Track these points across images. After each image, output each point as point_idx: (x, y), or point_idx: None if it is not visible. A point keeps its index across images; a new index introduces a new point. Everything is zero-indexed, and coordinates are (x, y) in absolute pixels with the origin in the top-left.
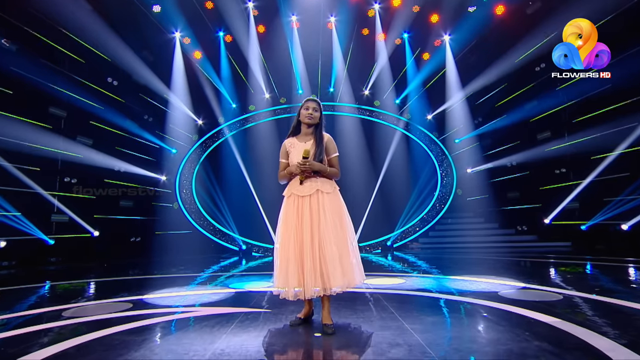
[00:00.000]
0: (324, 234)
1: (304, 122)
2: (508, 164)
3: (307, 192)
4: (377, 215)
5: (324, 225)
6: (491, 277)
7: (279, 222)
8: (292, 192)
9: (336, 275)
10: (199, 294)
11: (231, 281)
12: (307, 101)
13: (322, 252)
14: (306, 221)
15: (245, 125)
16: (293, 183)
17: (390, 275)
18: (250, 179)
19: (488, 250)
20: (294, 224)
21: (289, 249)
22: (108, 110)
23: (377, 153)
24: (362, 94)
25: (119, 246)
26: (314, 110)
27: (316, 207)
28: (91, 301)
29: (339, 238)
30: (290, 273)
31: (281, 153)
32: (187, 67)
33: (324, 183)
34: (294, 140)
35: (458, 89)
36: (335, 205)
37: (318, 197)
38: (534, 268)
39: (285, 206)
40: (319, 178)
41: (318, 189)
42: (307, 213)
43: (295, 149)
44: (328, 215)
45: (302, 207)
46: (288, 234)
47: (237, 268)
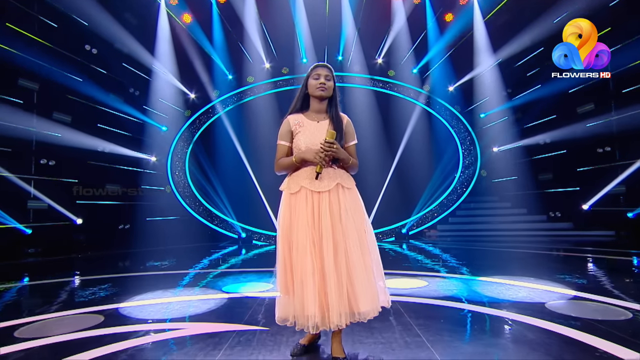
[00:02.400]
0: (351, 242)
1: (314, 94)
2: (541, 142)
3: (326, 186)
4: (392, 200)
5: (350, 230)
6: (530, 280)
7: (280, 227)
8: (303, 185)
9: (366, 297)
10: (186, 300)
11: (225, 282)
12: (317, 67)
13: (349, 267)
14: (326, 225)
15: (243, 99)
16: (301, 174)
17: (409, 274)
18: (248, 160)
19: (516, 239)
20: (308, 230)
21: (306, 264)
22: (88, 82)
23: (394, 130)
24: (375, 63)
25: (106, 235)
26: (327, 79)
27: (337, 207)
28: (56, 313)
29: (364, 249)
30: (308, 297)
31: (281, 133)
32: (176, 33)
33: (344, 175)
34: (302, 118)
35: (486, 55)
36: (358, 205)
37: (339, 193)
38: (578, 265)
39: (290, 205)
40: (337, 168)
41: (338, 183)
42: (327, 214)
43: (305, 129)
44: (351, 217)
45: (319, 206)
46: (302, 243)
47: (236, 258)
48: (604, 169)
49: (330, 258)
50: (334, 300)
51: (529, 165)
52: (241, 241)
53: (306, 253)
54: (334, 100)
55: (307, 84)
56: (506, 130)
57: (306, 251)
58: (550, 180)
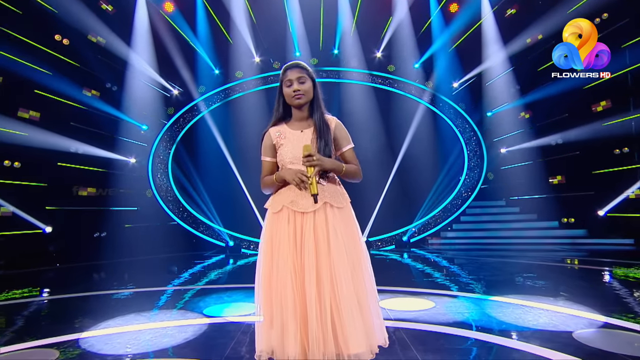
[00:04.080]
0: (340, 272)
1: (292, 104)
2: (553, 142)
3: (311, 205)
4: (393, 205)
5: (339, 257)
6: (549, 300)
7: (261, 249)
8: (285, 204)
9: (358, 336)
10: (160, 327)
11: (207, 302)
12: (286, 71)
13: (335, 300)
14: (309, 251)
15: (230, 95)
16: (285, 191)
17: (413, 292)
18: (236, 162)
19: (525, 247)
20: (289, 256)
21: (286, 297)
22: (58, 76)
23: (395, 129)
24: (374, 57)
25: (78, 244)
26: (300, 82)
27: (324, 230)
28: (5, 346)
29: (358, 278)
30: (289, 336)
31: (264, 148)
32: (156, 23)
33: (334, 192)
34: (284, 129)
35: (495, 48)
36: (350, 227)
37: (326, 213)
38: (600, 280)
39: (272, 226)
40: (326, 183)
41: (326, 202)
42: (311, 238)
43: (288, 140)
44: (341, 242)
45: (302, 229)
46: (282, 272)
47: (222, 270)
48: (621, 171)
49: (313, 290)
50: (315, 341)
51: (539, 167)
52: (228, 250)
53: (286, 284)
54: (316, 102)
55: (282, 92)
56: (515, 129)
57: (286, 282)
58: (562, 183)
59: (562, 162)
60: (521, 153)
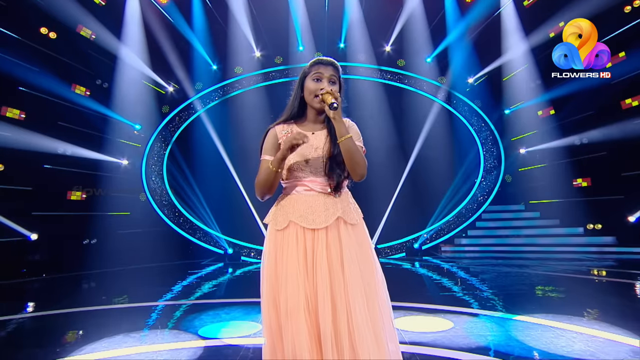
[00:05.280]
0: (356, 299)
1: (312, 105)
2: (577, 141)
3: (323, 221)
4: (404, 210)
5: (354, 282)
6: (582, 320)
7: (264, 273)
8: (292, 220)
9: None
10: (151, 352)
11: (202, 320)
12: (318, 65)
13: (352, 331)
14: (323, 275)
15: (229, 93)
16: (290, 204)
17: (429, 309)
18: (235, 164)
19: (546, 255)
20: (300, 281)
21: (299, 330)
22: (44, 72)
23: (407, 128)
24: (383, 51)
25: (67, 253)
26: (330, 81)
27: (337, 250)
28: None
29: (372, 304)
30: None
31: (265, 147)
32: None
33: (347, 207)
34: (294, 129)
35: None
36: (365, 247)
37: (339, 231)
38: (635, 296)
39: (276, 245)
40: (337, 195)
41: (339, 217)
42: (324, 260)
43: None
44: (357, 262)
45: (314, 249)
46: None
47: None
48: None
49: (328, 322)
50: None
51: (562, 168)
52: (227, 258)
53: (299, 314)
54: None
55: (304, 86)
56: (536, 128)
57: (299, 312)
58: (587, 186)
59: (588, 163)
60: (542, 153)
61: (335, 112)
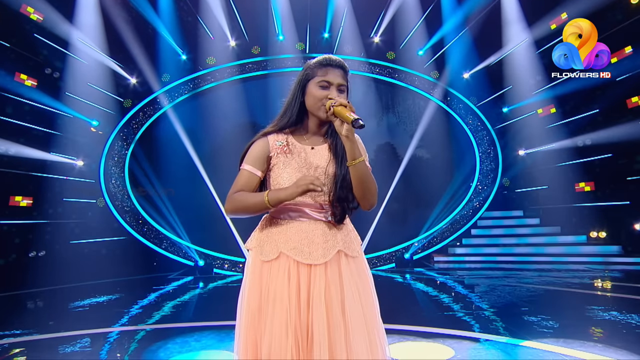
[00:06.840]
0: (358, 346)
1: (316, 114)
2: (579, 143)
3: (322, 256)
4: (395, 216)
5: (356, 326)
6: (596, 347)
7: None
8: (284, 252)
9: None
10: None
11: (168, 350)
12: (325, 67)
13: None
14: (319, 319)
15: (200, 86)
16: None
17: (425, 332)
18: (206, 166)
19: (547, 265)
20: (290, 323)
21: None
22: None
23: (400, 128)
24: (371, 42)
25: (8, 267)
26: (339, 90)
27: (337, 289)
28: None
29: (373, 346)
30: None
31: (250, 155)
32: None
33: (347, 237)
34: (290, 140)
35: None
36: (365, 283)
37: (340, 266)
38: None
39: (261, 279)
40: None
41: (340, 250)
42: (321, 301)
43: (293, 157)
44: (359, 303)
45: (309, 288)
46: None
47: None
48: None
49: None
50: None
51: (564, 171)
52: (198, 270)
53: None
54: None
55: (307, 90)
56: (535, 127)
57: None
58: (591, 191)
59: (591, 166)
60: (543, 155)
61: (349, 129)
